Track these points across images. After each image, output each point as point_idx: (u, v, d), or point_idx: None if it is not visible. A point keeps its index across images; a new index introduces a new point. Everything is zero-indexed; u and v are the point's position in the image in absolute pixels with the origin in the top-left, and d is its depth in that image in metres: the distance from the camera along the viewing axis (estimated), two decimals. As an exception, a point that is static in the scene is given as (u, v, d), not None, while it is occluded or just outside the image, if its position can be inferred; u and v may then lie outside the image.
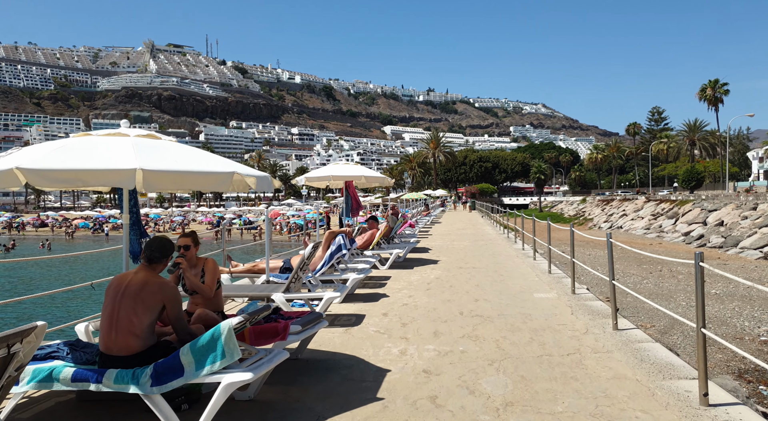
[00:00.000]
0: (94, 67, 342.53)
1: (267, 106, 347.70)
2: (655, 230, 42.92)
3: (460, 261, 11.03)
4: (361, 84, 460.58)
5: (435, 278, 8.90)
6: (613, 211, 60.39)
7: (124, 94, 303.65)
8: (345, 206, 10.68)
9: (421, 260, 11.27)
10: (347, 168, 10.15)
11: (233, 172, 3.54)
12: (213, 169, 3.50)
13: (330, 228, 11.56)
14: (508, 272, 9.43)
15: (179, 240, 4.46)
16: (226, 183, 3.54)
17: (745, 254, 28.64)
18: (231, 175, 3.53)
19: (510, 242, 15.56)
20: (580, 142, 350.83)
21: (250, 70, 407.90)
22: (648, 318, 14.30)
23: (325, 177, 9.78)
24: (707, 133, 76.46)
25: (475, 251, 13.03)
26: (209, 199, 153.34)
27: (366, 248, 9.92)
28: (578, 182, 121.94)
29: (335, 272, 7.24)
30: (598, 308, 6.41)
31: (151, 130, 3.93)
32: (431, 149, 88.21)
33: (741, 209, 36.14)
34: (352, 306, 6.69)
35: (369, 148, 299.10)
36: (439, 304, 6.79)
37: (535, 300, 6.95)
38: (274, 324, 4.14)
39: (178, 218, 71.19)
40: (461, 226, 25.17)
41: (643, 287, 19.28)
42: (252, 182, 3.67)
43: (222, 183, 3.52)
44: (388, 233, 10.92)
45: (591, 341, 4.95)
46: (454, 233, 20.07)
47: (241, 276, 7.22)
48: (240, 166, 3.72)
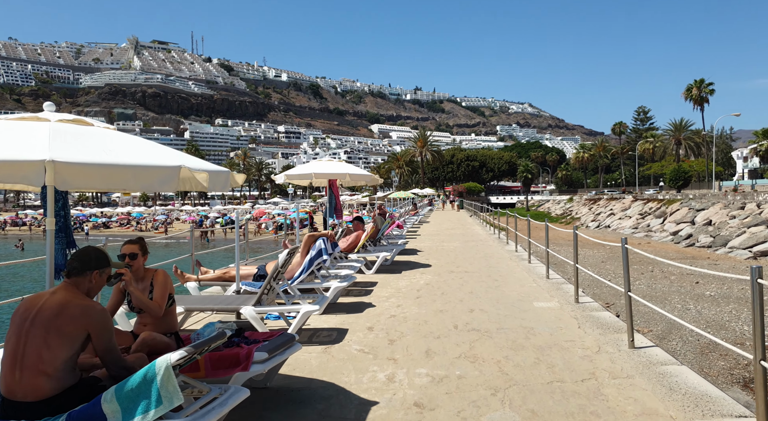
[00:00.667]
0: (77, 63, 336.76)
1: (253, 104, 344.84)
2: (643, 230, 42.76)
3: (451, 264, 10.38)
4: (348, 82, 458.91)
5: (425, 283, 8.22)
6: (600, 210, 60.31)
7: (107, 91, 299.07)
8: (329, 206, 9.97)
9: (409, 263, 10.60)
10: (331, 165, 9.42)
11: (179, 167, 2.81)
12: (152, 163, 2.76)
13: (316, 229, 10.82)
14: (502, 276, 8.80)
15: (124, 247, 3.73)
16: (171, 180, 2.81)
17: (734, 253, 28.44)
18: (177, 171, 2.81)
19: (501, 243, 14.95)
20: (566, 142, 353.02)
21: (236, 68, 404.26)
22: (644, 322, 13.79)
23: (306, 174, 9.05)
24: (692, 132, 76.85)
25: (466, 253, 12.39)
26: (194, 198, 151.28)
27: (351, 251, 9.22)
28: (565, 181, 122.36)
29: (315, 280, 6.53)
30: (606, 320, 5.78)
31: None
32: (419, 148, 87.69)
33: (729, 209, 36.07)
34: (334, 318, 5.99)
35: (356, 147, 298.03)
36: (431, 315, 6.11)
37: (536, 310, 6.30)
38: (236, 351, 3.43)
39: (161, 217, 69.78)
40: (450, 226, 24.55)
41: (636, 288, 18.81)
42: (203, 179, 2.95)
43: (166, 180, 2.78)
44: (375, 234, 10.23)
45: (606, 363, 4.30)
46: (443, 234, 19.43)
47: (211, 284, 6.47)
48: (189, 160, 2.99)
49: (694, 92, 66.84)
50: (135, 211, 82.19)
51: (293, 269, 6.29)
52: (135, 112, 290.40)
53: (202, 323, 5.90)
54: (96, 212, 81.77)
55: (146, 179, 2.77)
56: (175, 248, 46.10)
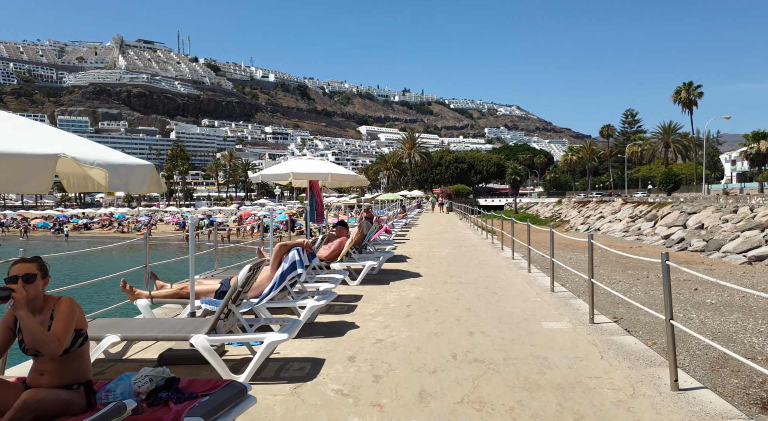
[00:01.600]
0: (60, 62, 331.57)
1: (240, 105, 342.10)
2: (633, 233, 42.32)
3: (444, 273, 9.46)
4: (336, 83, 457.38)
5: (416, 297, 7.29)
6: (590, 213, 59.95)
7: (91, 91, 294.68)
8: (309, 209, 9.01)
9: (398, 272, 9.66)
10: (311, 164, 8.45)
11: (57, 156, 1.84)
12: (7, 149, 1.77)
13: (302, 232, 9.80)
14: (501, 288, 7.90)
15: (14, 267, 2.74)
16: (44, 175, 1.83)
17: (728, 258, 27.94)
18: (52, 162, 1.83)
19: (496, 249, 14.07)
20: (554, 144, 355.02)
21: (223, 68, 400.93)
22: (647, 333, 13.00)
23: (284, 174, 8.08)
24: (681, 135, 76.94)
25: (459, 260, 11.48)
26: (179, 199, 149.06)
27: (333, 260, 8.27)
28: (553, 184, 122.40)
29: (288, 298, 5.58)
30: (632, 348, 4.88)
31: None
32: (407, 150, 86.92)
33: (721, 212, 35.67)
34: (310, 344, 5.04)
35: (344, 148, 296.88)
36: (424, 339, 5.18)
37: (547, 333, 5.40)
38: (162, 411, 2.48)
39: (144, 218, 68.12)
40: (440, 229, 23.66)
41: (634, 294, 18.06)
42: (99, 176, 1.97)
43: (33, 174, 1.80)
44: (360, 240, 9.29)
45: (649, 414, 3.40)
46: (434, 238, 18.54)
47: (166, 301, 5.47)
48: (78, 146, 2.01)
49: (683, 95, 66.79)
50: (117, 212, 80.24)
51: (262, 284, 5.33)
52: (120, 112, 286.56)
53: (152, 351, 4.91)
54: (78, 213, 79.68)
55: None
56: (158, 249, 44.76)
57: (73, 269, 29.65)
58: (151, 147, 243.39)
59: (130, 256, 43.39)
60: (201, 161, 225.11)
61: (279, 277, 5.19)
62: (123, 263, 33.63)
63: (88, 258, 35.64)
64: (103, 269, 32.45)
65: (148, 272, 5.79)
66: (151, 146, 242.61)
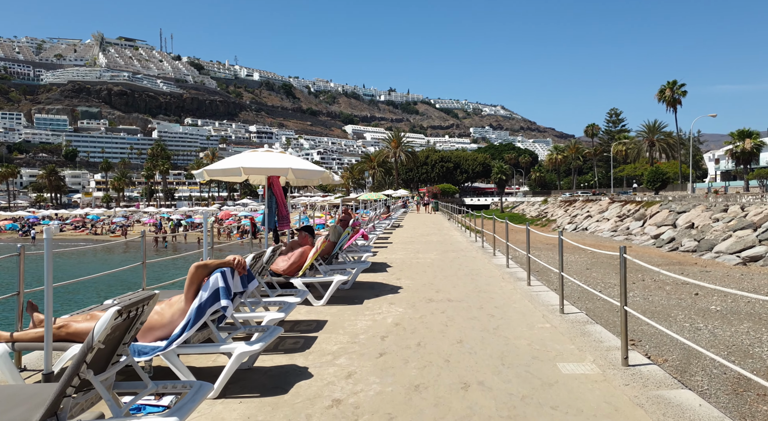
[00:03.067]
0: (38, 59, 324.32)
1: (224, 103, 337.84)
2: (622, 232, 41.39)
3: (429, 287, 7.96)
4: (321, 82, 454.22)
5: (394, 323, 5.78)
6: (576, 212, 59.10)
7: (70, 89, 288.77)
8: (267, 211, 7.46)
9: (375, 285, 8.15)
10: (267, 157, 6.87)
11: None
12: None
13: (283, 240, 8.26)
14: (499, 308, 6.43)
15: None
16: None
17: (721, 258, 26.96)
18: None
19: (487, 255, 12.62)
20: (538, 144, 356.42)
21: (206, 66, 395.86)
22: (654, 347, 11.67)
23: (233, 169, 6.51)
24: (666, 134, 76.60)
25: (446, 269, 10.00)
26: (160, 199, 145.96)
27: (294, 274, 6.74)
28: (538, 183, 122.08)
29: (225, 334, 4.03)
30: (696, 411, 3.43)
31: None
32: (393, 148, 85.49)
33: (711, 211, 34.83)
34: (234, 410, 3.50)
35: (330, 148, 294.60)
36: (401, 399, 3.67)
37: (568, 384, 3.93)
38: None
39: (119, 219, 65.70)
40: (426, 231, 22.17)
41: (632, 301, 16.78)
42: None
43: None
44: (330, 249, 7.77)
45: None
46: (418, 241, 17.05)
47: (35, 347, 3.86)
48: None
49: (667, 93, 66.32)
50: (93, 212, 77.55)
51: (173, 321, 3.77)
52: (100, 110, 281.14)
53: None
54: (51, 214, 76.81)
55: None
56: (133, 252, 42.71)
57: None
58: (132, 146, 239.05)
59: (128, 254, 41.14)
60: (184, 161, 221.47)
61: (195, 311, 3.65)
62: (92, 266, 30.39)
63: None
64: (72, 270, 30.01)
65: (21, 299, 4.18)
66: (132, 146, 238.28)
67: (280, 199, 7.45)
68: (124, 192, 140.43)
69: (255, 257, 4.73)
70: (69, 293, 22.18)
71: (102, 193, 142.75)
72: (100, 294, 20.33)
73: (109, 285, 22.60)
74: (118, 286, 20.20)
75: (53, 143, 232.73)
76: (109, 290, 21.67)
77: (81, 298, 20.89)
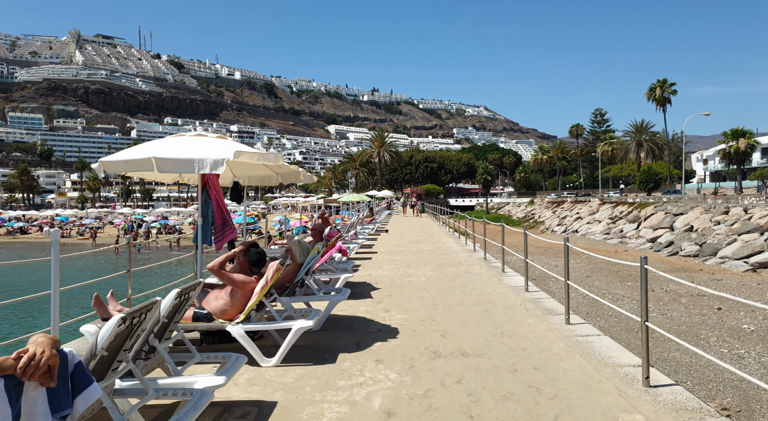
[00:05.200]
0: (11, 56, 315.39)
1: (205, 103, 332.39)
2: (616, 235, 39.76)
3: (430, 326, 5.77)
4: (304, 82, 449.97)
5: (385, 413, 3.59)
6: (565, 213, 57.57)
7: (45, 87, 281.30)
8: (200, 223, 5.22)
9: (355, 322, 5.96)
10: (193, 144, 4.62)
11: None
12: None
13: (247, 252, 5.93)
14: (543, 374, 4.20)
15: None
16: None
17: (728, 264, 25.29)
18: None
19: (492, 269, 10.48)
20: (521, 145, 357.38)
21: (186, 65, 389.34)
22: (697, 381, 9.64)
23: (138, 160, 4.31)
24: (654, 134, 75.48)
25: (447, 294, 7.82)
26: (138, 199, 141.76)
27: (233, 318, 4.51)
28: (523, 184, 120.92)
29: None
30: None
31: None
32: (376, 148, 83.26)
33: (711, 213, 33.29)
34: None
35: (312, 148, 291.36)
36: None
37: None
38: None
39: (90, 221, 62.34)
40: (414, 236, 19.99)
41: (650, 318, 14.76)
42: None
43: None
44: (293, 275, 5.55)
45: None
46: (408, 250, 14.86)
47: None
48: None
49: (657, 92, 65.15)
50: (63, 214, 73.88)
51: None
52: (77, 109, 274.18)
53: None
54: (18, 215, 72.89)
55: None
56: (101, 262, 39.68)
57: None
58: (111, 146, 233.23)
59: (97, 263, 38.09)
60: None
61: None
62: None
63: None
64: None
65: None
66: (110, 145, 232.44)
67: (219, 204, 5.19)
68: (100, 192, 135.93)
69: (130, 319, 2.51)
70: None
71: (77, 193, 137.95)
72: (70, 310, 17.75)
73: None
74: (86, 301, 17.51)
75: (28, 142, 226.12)
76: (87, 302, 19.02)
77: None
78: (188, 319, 4.39)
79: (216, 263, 4.45)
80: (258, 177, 6.45)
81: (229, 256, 4.57)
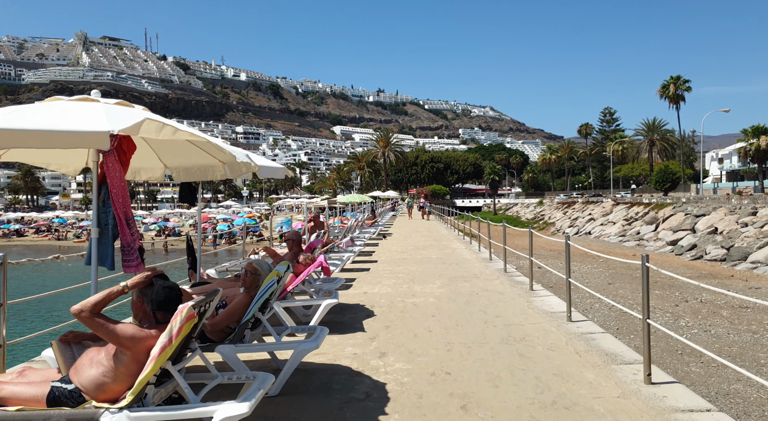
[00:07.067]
0: (19, 58, 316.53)
1: (210, 104, 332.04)
2: (632, 237, 37.71)
3: (443, 388, 3.83)
4: (309, 83, 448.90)
5: None
6: (577, 215, 55.52)
7: (52, 89, 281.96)
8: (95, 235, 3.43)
9: (332, 377, 4.08)
10: (64, 111, 2.79)
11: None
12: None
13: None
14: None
15: None
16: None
17: (761, 270, 23.26)
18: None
19: (516, 285, 8.60)
20: (527, 145, 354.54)
21: (192, 67, 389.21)
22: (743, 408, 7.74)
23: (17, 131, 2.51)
24: (666, 132, 73.17)
25: (464, 324, 5.93)
26: (141, 201, 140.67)
27: (116, 399, 2.67)
28: (531, 184, 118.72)
29: None
30: None
31: None
32: (381, 148, 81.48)
33: (736, 214, 31.20)
34: None
35: (317, 148, 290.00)
36: None
37: None
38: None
39: (87, 223, 60.91)
40: (420, 242, 18.10)
41: (691, 335, 12.80)
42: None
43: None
44: (242, 310, 3.70)
45: None
46: (412, 258, 13.01)
47: None
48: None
49: (671, 89, 62.92)
50: (63, 216, 72.56)
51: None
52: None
53: None
54: (17, 217, 71.60)
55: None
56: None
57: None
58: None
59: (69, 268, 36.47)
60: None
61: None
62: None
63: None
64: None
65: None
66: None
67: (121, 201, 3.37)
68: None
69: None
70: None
71: (82, 195, 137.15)
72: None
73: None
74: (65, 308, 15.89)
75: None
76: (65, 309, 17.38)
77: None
78: (39, 400, 2.57)
79: (88, 305, 2.66)
80: (198, 168, 4.66)
81: (112, 293, 2.76)
